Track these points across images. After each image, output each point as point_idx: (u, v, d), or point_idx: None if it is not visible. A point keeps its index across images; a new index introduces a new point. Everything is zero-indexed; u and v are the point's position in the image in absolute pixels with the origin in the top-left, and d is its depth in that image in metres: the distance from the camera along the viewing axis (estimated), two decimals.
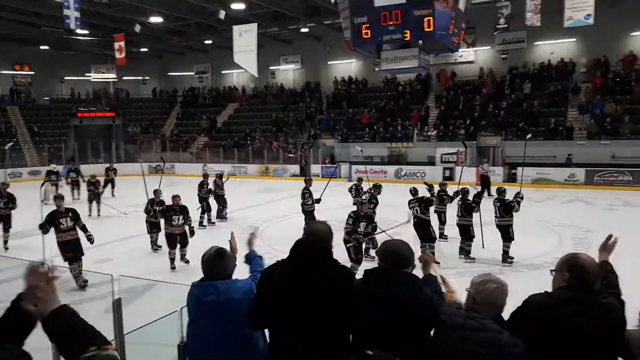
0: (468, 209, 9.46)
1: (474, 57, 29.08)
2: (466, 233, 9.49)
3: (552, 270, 2.44)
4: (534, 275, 8.31)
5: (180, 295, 3.12)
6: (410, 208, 9.63)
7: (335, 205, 14.99)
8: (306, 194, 11.47)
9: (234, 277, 3.03)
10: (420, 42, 6.92)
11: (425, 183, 11.08)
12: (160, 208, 10.13)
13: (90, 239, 8.36)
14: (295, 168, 27.47)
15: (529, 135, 16.64)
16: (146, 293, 7.24)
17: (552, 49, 26.74)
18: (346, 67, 33.08)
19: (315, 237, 2.75)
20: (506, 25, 20.78)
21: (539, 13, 19.55)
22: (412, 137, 26.25)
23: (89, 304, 7.12)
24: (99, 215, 15.14)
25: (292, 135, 30.13)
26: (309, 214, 11.37)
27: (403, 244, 2.65)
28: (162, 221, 9.86)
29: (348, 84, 32.34)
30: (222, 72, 37.86)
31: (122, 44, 26.28)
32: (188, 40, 34.49)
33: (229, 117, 35.26)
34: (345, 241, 8.30)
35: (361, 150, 20.17)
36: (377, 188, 10.79)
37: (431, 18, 6.26)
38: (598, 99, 23.75)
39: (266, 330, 2.93)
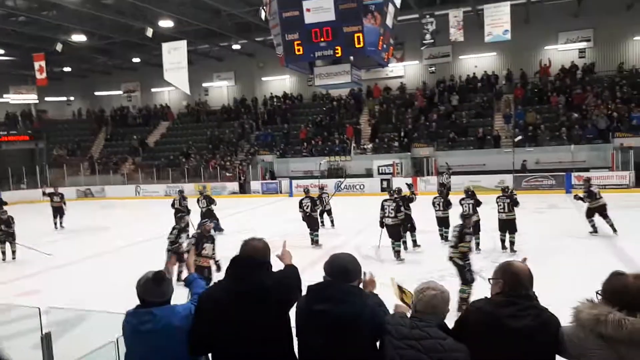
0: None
1: (403, 71, 30.09)
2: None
3: (489, 279, 2.54)
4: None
5: (117, 324, 2.89)
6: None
7: (281, 221, 14.91)
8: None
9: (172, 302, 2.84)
10: (352, 58, 7.01)
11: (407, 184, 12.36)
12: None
13: None
14: (234, 185, 27.04)
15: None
16: (80, 324, 6.72)
17: (475, 63, 28.22)
18: (280, 83, 33.19)
19: (251, 252, 2.67)
20: (432, 41, 21.66)
21: (462, 29, 20.57)
22: (350, 151, 26.65)
23: (15, 340, 6.52)
24: (13, 258, 12.31)
25: (229, 153, 29.69)
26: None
27: (349, 257, 2.61)
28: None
29: (283, 99, 32.41)
30: (152, 90, 36.82)
31: (43, 63, 24.99)
32: (114, 59, 33.34)
33: (161, 136, 34.26)
34: (458, 258, 7.05)
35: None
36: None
37: (360, 34, 6.36)
38: (520, 110, 25.21)
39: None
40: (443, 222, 11.58)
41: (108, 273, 10.07)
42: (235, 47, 30.16)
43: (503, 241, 10.49)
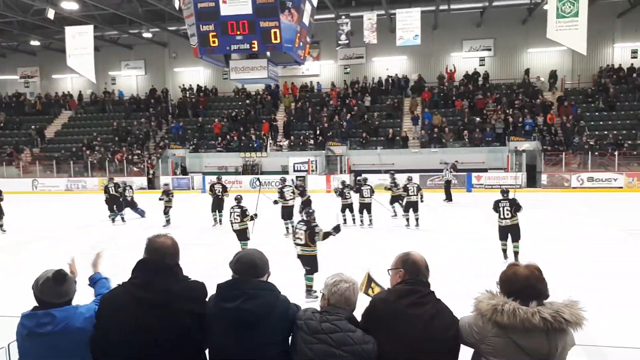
0: None
1: (319, 70, 30.51)
2: None
3: (388, 270, 2.66)
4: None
5: (8, 329, 2.67)
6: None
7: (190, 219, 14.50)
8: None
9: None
10: (268, 53, 7.00)
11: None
12: None
13: None
14: (142, 181, 25.87)
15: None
16: None
17: (387, 65, 29.31)
18: (194, 74, 32.25)
19: (159, 253, 2.50)
20: (347, 42, 22.18)
21: (375, 32, 21.26)
22: (266, 147, 26.55)
23: None
24: None
25: (137, 146, 28.33)
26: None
27: (257, 253, 2.58)
28: None
29: (197, 92, 31.51)
30: (53, 76, 34.24)
31: None
32: (10, 41, 30.51)
33: (62, 126, 31.93)
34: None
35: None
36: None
37: (277, 30, 6.36)
38: (426, 112, 26.58)
39: None
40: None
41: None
42: (147, 35, 28.82)
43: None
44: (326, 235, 7.39)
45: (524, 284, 2.30)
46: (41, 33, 27.78)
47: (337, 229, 7.56)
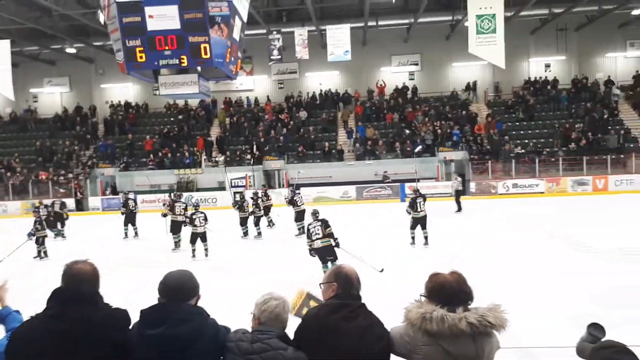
0: None
1: (253, 85, 30.47)
2: None
3: (320, 284, 2.68)
4: None
5: None
6: None
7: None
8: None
9: None
10: (199, 68, 6.93)
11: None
12: None
13: None
14: (69, 202, 24.48)
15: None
16: None
17: (320, 80, 29.80)
18: (122, 90, 31.18)
19: (76, 280, 2.33)
20: (280, 57, 22.35)
21: (307, 47, 21.59)
22: (201, 163, 26.04)
23: None
24: None
25: (63, 166, 26.88)
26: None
27: (185, 274, 2.46)
28: None
29: (125, 108, 30.45)
30: None
31: None
32: None
33: None
34: None
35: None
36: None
37: (207, 45, 6.32)
38: (360, 125, 27.21)
39: None
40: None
41: None
42: (70, 50, 27.55)
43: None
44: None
45: (453, 290, 2.38)
46: None
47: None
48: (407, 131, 26.18)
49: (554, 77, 28.17)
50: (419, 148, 24.92)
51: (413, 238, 12.01)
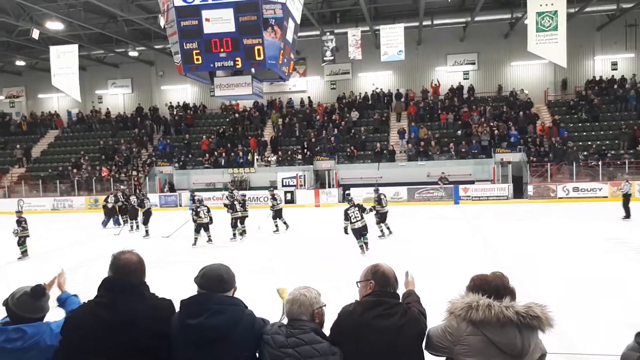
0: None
1: (306, 86, 30.72)
2: None
3: (357, 282, 2.69)
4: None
5: None
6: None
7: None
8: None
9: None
10: (253, 70, 7.06)
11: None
12: None
13: None
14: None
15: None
16: None
17: (373, 80, 29.59)
18: (181, 92, 32.30)
19: (124, 271, 2.44)
20: (332, 58, 22.41)
21: (360, 47, 21.53)
22: (253, 163, 26.56)
23: None
24: None
25: (124, 164, 28.18)
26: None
27: (223, 267, 2.55)
28: None
29: (184, 109, 31.53)
30: (39, 96, 34.07)
31: None
32: None
33: (49, 146, 31.71)
34: None
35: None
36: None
37: (261, 47, 6.43)
38: (413, 125, 26.83)
39: None
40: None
41: None
42: (133, 54, 28.88)
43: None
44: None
45: (497, 285, 2.39)
46: (26, 53, 27.72)
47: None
48: (462, 132, 25.56)
49: (622, 75, 26.64)
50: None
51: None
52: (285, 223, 15.60)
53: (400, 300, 2.64)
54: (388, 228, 13.45)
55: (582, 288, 7.93)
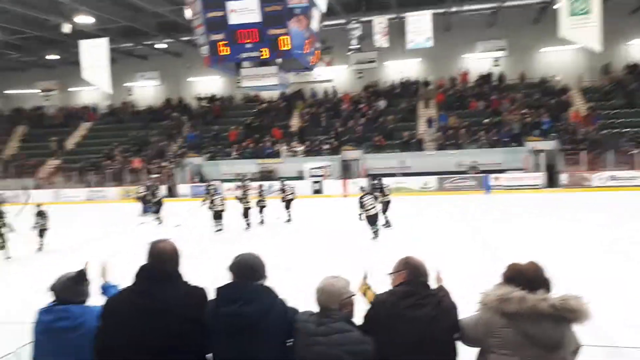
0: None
1: (332, 75, 30.50)
2: None
3: (389, 273, 2.70)
4: None
5: (17, 335, 2.74)
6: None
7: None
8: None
9: None
10: (279, 60, 7.04)
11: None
12: None
13: None
14: (160, 189, 26.11)
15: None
16: None
17: (400, 68, 29.19)
18: (208, 83, 32.58)
19: (160, 259, 2.52)
20: (358, 46, 22.20)
21: (386, 35, 21.23)
22: (280, 153, 26.64)
23: None
24: None
25: (155, 155, 28.69)
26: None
27: (255, 257, 2.61)
28: None
29: (211, 100, 31.82)
30: (72, 89, 34.88)
31: None
32: (29, 56, 31.23)
33: (82, 138, 32.53)
34: None
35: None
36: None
37: (286, 37, 6.39)
38: (442, 114, 26.41)
39: None
40: None
41: (10, 284, 9.36)
42: (161, 46, 29.25)
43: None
44: None
45: (532, 276, 2.32)
46: (59, 47, 28.37)
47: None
48: (492, 119, 25.02)
49: None
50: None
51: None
52: (288, 215, 15.84)
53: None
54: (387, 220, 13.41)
55: (621, 279, 7.70)
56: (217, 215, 14.30)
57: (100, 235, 14.96)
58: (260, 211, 15.41)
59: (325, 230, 13.78)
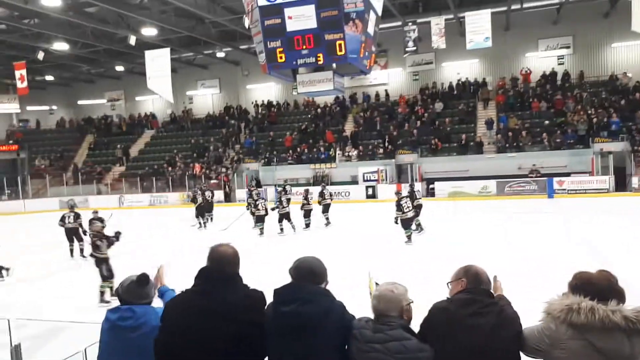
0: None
1: (387, 78, 30.30)
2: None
3: (448, 283, 2.61)
4: None
5: (85, 335, 2.87)
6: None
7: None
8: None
9: None
10: (334, 65, 7.04)
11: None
12: None
13: None
14: (219, 194, 26.85)
15: None
16: (49, 336, 6.55)
17: (458, 69, 28.52)
18: (266, 90, 33.21)
19: (220, 262, 2.57)
20: (415, 48, 21.87)
21: (444, 36, 20.82)
22: (335, 158, 26.70)
23: None
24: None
25: (214, 161, 29.55)
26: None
27: (316, 260, 2.60)
28: None
29: (268, 107, 32.41)
30: (136, 98, 36.60)
31: (24, 72, 24.72)
32: (98, 68, 33.07)
33: (145, 145, 34.02)
34: None
35: None
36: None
37: (342, 42, 6.40)
38: (502, 115, 25.54)
39: None
40: None
41: (78, 286, 9.81)
42: (220, 55, 30.13)
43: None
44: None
45: (603, 286, 2.17)
46: (125, 58, 29.86)
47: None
48: (556, 120, 23.91)
49: None
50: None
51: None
52: (326, 219, 16.02)
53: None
54: (419, 225, 13.29)
55: None
56: (260, 219, 14.81)
57: (158, 239, 15.54)
58: (306, 215, 15.55)
59: (379, 235, 13.60)
